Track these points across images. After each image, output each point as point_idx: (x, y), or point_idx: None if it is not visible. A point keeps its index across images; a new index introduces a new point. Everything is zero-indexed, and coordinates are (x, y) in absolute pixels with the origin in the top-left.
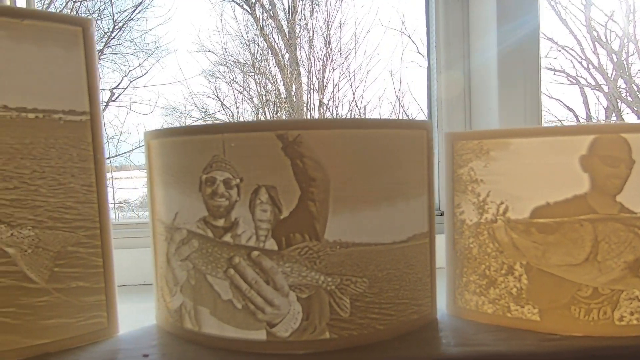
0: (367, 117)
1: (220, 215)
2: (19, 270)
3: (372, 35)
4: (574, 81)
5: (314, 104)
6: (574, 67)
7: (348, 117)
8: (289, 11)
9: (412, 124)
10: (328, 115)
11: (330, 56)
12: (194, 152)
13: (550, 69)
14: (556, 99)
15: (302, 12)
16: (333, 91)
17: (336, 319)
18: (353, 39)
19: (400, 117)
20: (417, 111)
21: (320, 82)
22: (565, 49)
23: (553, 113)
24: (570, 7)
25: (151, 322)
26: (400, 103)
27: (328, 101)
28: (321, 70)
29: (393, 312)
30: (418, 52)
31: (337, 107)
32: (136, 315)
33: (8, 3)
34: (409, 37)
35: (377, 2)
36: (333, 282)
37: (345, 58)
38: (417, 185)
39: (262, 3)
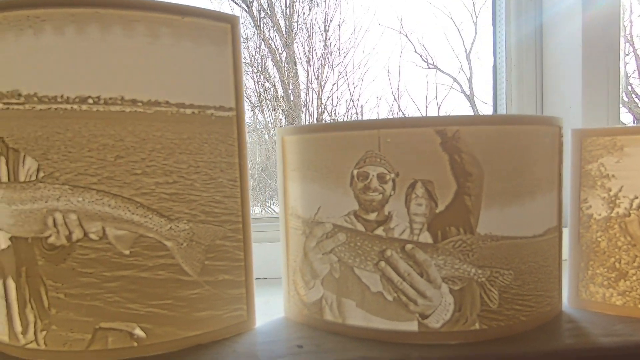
0: (508, 114)
1: (373, 209)
2: (175, 263)
3: (371, 34)
4: None
5: (312, 103)
6: None
7: (347, 116)
8: (286, 9)
9: (549, 120)
10: (326, 115)
11: (330, 55)
12: (343, 148)
13: None
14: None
15: (301, 10)
16: (332, 89)
17: (486, 310)
18: (352, 37)
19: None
20: (414, 111)
21: (319, 81)
22: None
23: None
24: None
25: (272, 314)
26: (397, 102)
27: (326, 100)
28: (320, 69)
29: (533, 303)
30: (415, 51)
31: (335, 106)
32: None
33: None
34: (407, 36)
35: (376, 1)
36: (483, 274)
37: (344, 57)
38: (550, 180)
39: (260, 2)
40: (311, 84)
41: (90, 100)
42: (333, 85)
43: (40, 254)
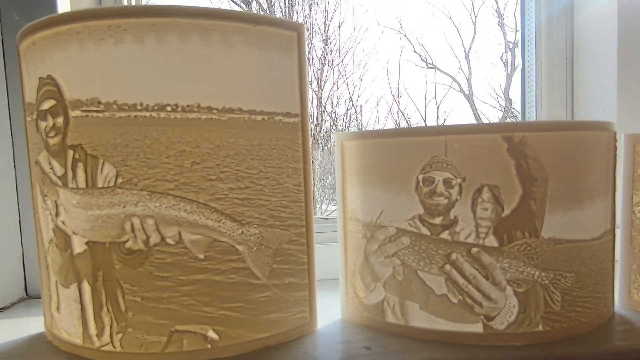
0: (562, 120)
1: (439, 213)
2: (246, 267)
3: (370, 34)
4: None
5: (312, 103)
6: None
7: (347, 116)
8: (286, 9)
9: (606, 125)
10: (325, 115)
11: (330, 55)
12: (408, 153)
13: None
14: None
15: (301, 9)
16: (332, 89)
17: (549, 312)
18: (351, 37)
19: (398, 117)
20: (413, 110)
21: (319, 81)
22: None
23: None
24: None
25: (326, 316)
26: (397, 103)
27: (326, 100)
28: (319, 69)
29: (592, 305)
30: (414, 51)
31: (334, 106)
32: None
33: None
34: (406, 36)
35: (375, 1)
36: (547, 277)
37: (344, 57)
38: (606, 184)
39: (260, 1)
40: (311, 84)
41: (169, 108)
42: (333, 85)
43: (117, 258)
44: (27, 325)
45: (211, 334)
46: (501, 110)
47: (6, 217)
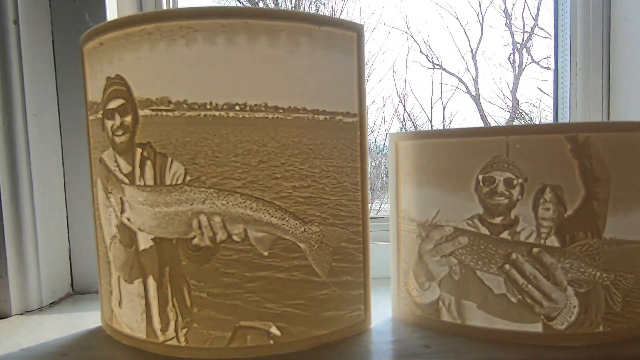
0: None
1: (499, 213)
2: (308, 265)
3: (377, 34)
4: None
5: None
6: None
7: None
8: (292, 9)
9: None
10: None
11: None
12: (468, 153)
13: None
14: None
15: (307, 9)
16: None
17: (610, 313)
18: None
19: (404, 118)
20: (419, 111)
21: None
22: None
23: None
24: None
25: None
26: (402, 103)
27: None
28: None
29: None
30: (420, 51)
31: None
32: None
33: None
34: (412, 37)
35: (382, 1)
36: (608, 277)
37: None
38: None
39: (266, 1)
40: None
41: (237, 107)
42: None
43: (184, 255)
44: (77, 320)
45: (274, 330)
46: (508, 111)
47: (55, 214)
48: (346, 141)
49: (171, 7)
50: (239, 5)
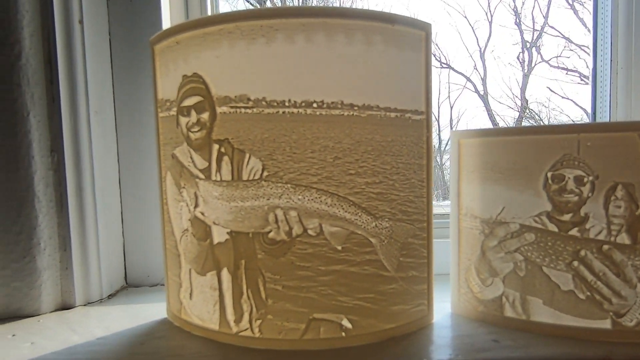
0: None
1: (568, 211)
2: (378, 259)
3: None
4: (587, 81)
5: None
6: (587, 66)
7: None
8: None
9: None
10: None
11: None
12: (537, 151)
13: (563, 68)
14: (569, 99)
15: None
16: None
17: None
18: None
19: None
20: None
21: None
22: (581, 48)
23: (566, 113)
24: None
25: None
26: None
27: None
28: None
29: None
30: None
31: None
32: None
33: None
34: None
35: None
36: None
37: None
38: None
39: (274, 1)
40: None
41: (315, 105)
42: None
43: (260, 248)
44: (139, 311)
45: (345, 322)
46: (517, 111)
47: (112, 210)
48: (414, 138)
49: (214, 8)
50: (255, 6)
